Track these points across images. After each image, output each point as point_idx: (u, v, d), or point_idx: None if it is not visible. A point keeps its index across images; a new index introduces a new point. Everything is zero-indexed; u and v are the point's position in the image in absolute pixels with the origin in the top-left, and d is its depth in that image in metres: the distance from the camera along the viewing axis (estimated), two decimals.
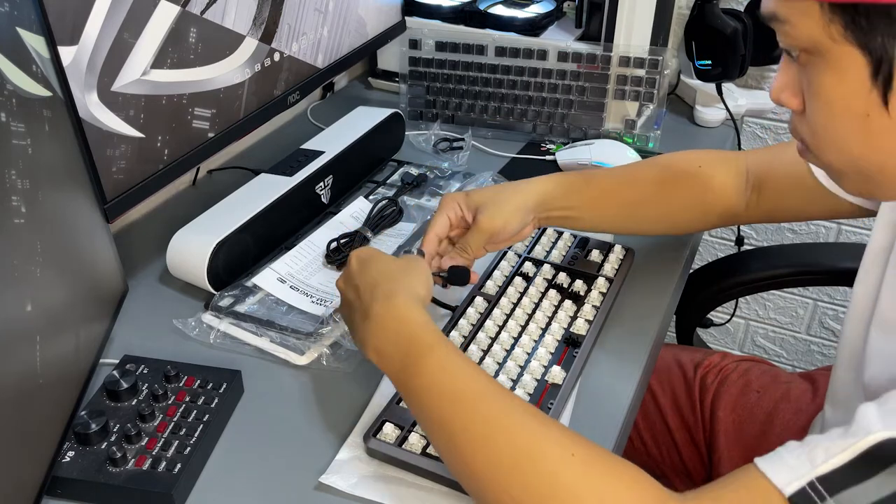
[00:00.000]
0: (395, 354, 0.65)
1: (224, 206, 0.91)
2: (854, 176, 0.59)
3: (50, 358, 0.63)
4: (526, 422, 0.58)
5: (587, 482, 0.53)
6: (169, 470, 0.65)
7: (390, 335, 0.65)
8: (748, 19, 1.15)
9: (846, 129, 0.55)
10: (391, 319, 0.66)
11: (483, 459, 0.56)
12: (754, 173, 0.88)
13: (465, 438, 0.58)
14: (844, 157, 0.57)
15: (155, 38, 0.78)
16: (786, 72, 0.59)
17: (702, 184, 0.88)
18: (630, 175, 0.90)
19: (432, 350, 0.63)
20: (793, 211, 0.89)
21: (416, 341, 0.64)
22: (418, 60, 1.23)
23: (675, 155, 0.93)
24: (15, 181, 0.58)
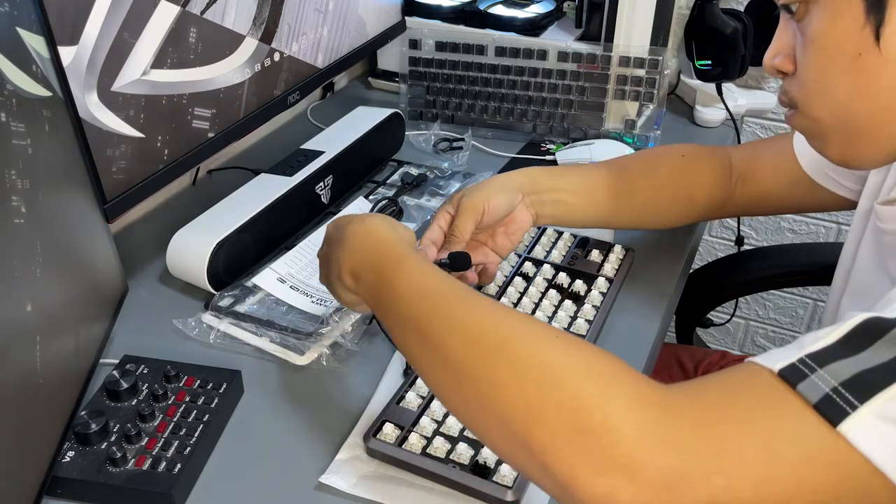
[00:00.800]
0: (369, 270, 0.64)
1: (224, 206, 0.91)
2: (840, 134, 0.61)
3: (50, 358, 0.63)
4: (506, 312, 0.55)
5: (574, 357, 0.50)
6: (169, 470, 0.65)
7: (364, 255, 0.65)
8: (748, 19, 1.15)
9: (838, 73, 0.57)
10: (363, 238, 0.65)
11: (462, 346, 0.53)
12: (740, 164, 0.90)
13: (443, 330, 0.54)
14: (833, 107, 0.59)
15: (155, 38, 0.78)
16: (781, 38, 0.62)
17: (686, 172, 0.89)
18: (616, 164, 0.91)
19: (404, 260, 0.62)
20: (777, 202, 0.91)
21: (388, 254, 0.63)
22: (418, 60, 1.23)
23: (660, 147, 0.94)
24: (15, 181, 0.58)
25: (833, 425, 0.42)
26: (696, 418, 0.45)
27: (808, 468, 0.43)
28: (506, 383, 0.49)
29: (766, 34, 1.18)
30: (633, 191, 0.87)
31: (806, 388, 0.44)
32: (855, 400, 0.42)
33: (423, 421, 0.70)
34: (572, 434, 0.46)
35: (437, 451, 0.67)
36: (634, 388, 0.47)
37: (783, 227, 1.72)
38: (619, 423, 0.45)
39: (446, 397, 0.55)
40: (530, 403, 0.48)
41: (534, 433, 0.47)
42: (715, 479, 0.43)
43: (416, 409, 0.71)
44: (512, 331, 0.53)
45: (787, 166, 0.86)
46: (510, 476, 0.64)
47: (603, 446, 0.45)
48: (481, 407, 0.51)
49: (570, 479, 0.45)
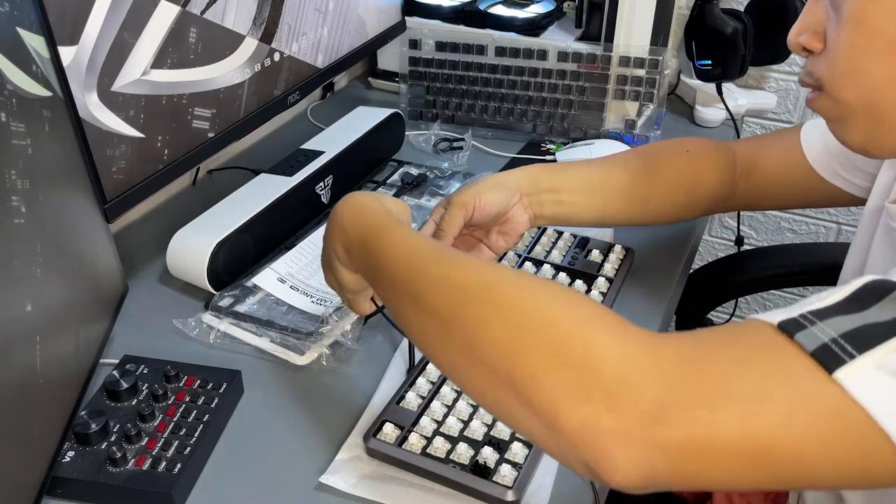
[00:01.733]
0: (358, 242, 0.63)
1: (224, 206, 0.91)
2: (864, 118, 0.59)
3: (50, 358, 0.63)
4: (491, 263, 0.56)
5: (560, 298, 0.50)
6: (169, 470, 0.65)
7: (354, 228, 0.64)
8: (748, 19, 1.15)
9: (873, 54, 0.56)
10: (352, 213, 0.65)
11: (448, 294, 0.52)
12: (744, 159, 0.89)
13: (430, 284, 0.54)
14: (863, 89, 0.58)
15: (155, 38, 0.78)
16: (810, 14, 0.61)
17: (689, 167, 0.88)
18: (618, 159, 0.90)
19: (389, 227, 0.62)
20: (782, 197, 0.90)
21: (374, 224, 0.63)
22: (418, 60, 1.23)
23: (662, 141, 0.93)
24: (15, 181, 0.58)
25: (829, 372, 0.41)
26: (683, 354, 0.44)
27: (798, 411, 0.42)
28: (491, 323, 0.49)
29: (766, 34, 1.19)
30: (634, 187, 0.86)
31: (804, 337, 0.42)
32: (854, 350, 0.41)
33: (423, 421, 0.70)
34: (555, 366, 0.45)
35: (437, 451, 0.67)
36: (621, 326, 0.47)
37: (783, 227, 1.72)
38: (602, 354, 0.44)
39: (433, 348, 0.54)
40: (514, 340, 0.47)
41: (517, 368, 0.46)
42: (698, 412, 0.42)
43: (416, 409, 0.71)
44: (497, 277, 0.52)
45: (794, 160, 0.85)
46: (510, 476, 0.64)
47: (585, 376, 0.44)
48: (467, 350, 0.50)
49: (552, 410, 0.44)
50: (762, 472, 0.42)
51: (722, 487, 0.45)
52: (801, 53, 0.62)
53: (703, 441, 0.42)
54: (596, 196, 0.85)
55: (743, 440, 0.41)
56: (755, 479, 0.43)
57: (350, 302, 0.72)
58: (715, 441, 0.41)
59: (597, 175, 0.86)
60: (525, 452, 0.66)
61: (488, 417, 0.70)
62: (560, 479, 0.67)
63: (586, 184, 0.85)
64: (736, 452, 0.42)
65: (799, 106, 1.59)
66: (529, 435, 0.48)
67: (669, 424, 0.42)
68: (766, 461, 0.42)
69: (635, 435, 0.42)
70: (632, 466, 0.42)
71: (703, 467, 0.42)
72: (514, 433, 0.68)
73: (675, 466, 0.42)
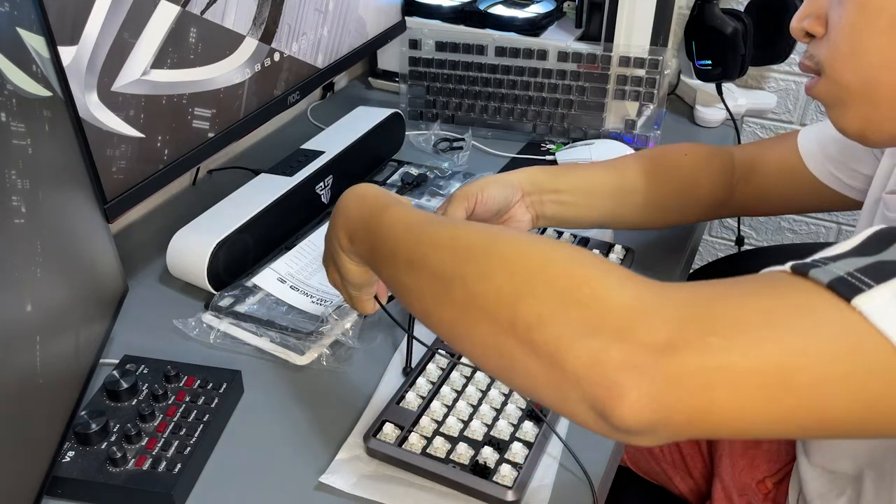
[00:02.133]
0: (361, 227, 0.63)
1: (224, 206, 0.91)
2: (863, 102, 0.59)
3: (50, 358, 0.63)
4: (489, 226, 0.55)
5: (563, 248, 0.49)
6: (169, 470, 0.65)
7: (356, 213, 0.64)
8: (748, 19, 1.15)
9: (874, 33, 0.56)
10: (355, 201, 0.65)
11: (449, 254, 0.51)
12: (743, 163, 0.89)
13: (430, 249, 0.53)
14: (863, 70, 0.58)
15: (155, 38, 0.78)
16: (813, 1, 0.61)
17: (688, 170, 0.88)
18: (618, 163, 0.90)
19: (389, 207, 0.61)
20: (780, 201, 0.90)
21: (375, 206, 0.62)
22: (418, 60, 1.23)
23: (662, 146, 0.93)
24: (15, 181, 0.58)
25: (847, 300, 0.39)
26: (692, 291, 0.43)
27: (815, 338, 0.40)
28: (494, 274, 0.48)
29: (766, 34, 1.19)
30: (634, 190, 0.87)
31: (819, 273, 0.41)
32: (871, 281, 0.39)
33: (423, 421, 0.70)
34: (561, 305, 0.44)
35: (437, 451, 0.67)
36: (625, 272, 0.46)
37: (783, 227, 1.72)
38: (609, 293, 0.43)
39: (432, 310, 0.52)
40: (518, 287, 0.46)
41: (520, 311, 0.45)
42: (709, 339, 0.40)
43: (416, 409, 0.71)
44: (498, 234, 0.52)
45: (791, 164, 0.86)
46: (510, 476, 0.64)
47: (592, 314, 0.42)
48: (468, 305, 0.48)
49: (556, 348, 0.42)
50: (776, 406, 0.40)
51: (733, 428, 0.42)
52: (804, 39, 0.62)
53: (715, 370, 0.40)
54: (596, 199, 0.85)
55: (757, 368, 0.39)
56: (769, 416, 0.41)
57: (353, 300, 0.71)
58: (728, 370, 0.40)
59: (597, 178, 0.86)
60: (525, 452, 0.66)
61: (488, 417, 0.70)
62: (560, 479, 0.67)
63: (587, 186, 0.85)
64: (750, 382, 0.40)
65: (799, 106, 1.58)
66: (532, 385, 0.45)
67: (681, 354, 0.40)
68: (781, 392, 0.40)
69: (646, 366, 0.40)
70: (642, 401, 0.40)
71: (716, 400, 0.40)
72: (515, 433, 0.68)
73: (686, 399, 0.40)
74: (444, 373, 0.74)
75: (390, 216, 0.60)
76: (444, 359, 0.76)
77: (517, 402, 0.71)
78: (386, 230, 0.59)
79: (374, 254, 0.61)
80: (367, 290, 0.70)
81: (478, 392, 0.73)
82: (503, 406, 0.71)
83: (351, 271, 0.67)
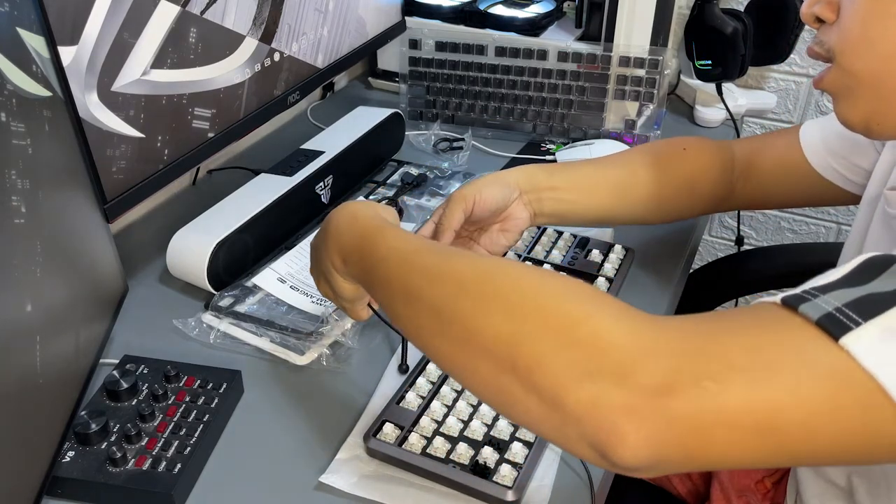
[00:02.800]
0: (354, 248, 0.63)
1: (224, 206, 0.91)
2: (871, 92, 0.59)
3: (50, 358, 0.63)
4: (483, 256, 0.55)
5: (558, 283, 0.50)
6: (169, 470, 0.65)
7: (349, 235, 0.64)
8: (748, 19, 1.15)
9: (887, 20, 0.56)
10: (347, 221, 0.65)
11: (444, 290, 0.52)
12: (743, 158, 0.89)
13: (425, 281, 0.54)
14: (874, 59, 0.57)
15: (155, 38, 0.78)
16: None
17: (688, 165, 0.88)
18: (617, 158, 0.90)
19: (382, 230, 0.61)
20: (781, 195, 0.90)
21: (368, 228, 0.62)
22: (418, 60, 1.23)
23: (661, 140, 0.93)
24: (15, 181, 0.58)
25: (835, 339, 0.40)
26: (687, 330, 0.44)
27: (804, 378, 0.41)
28: (491, 312, 0.48)
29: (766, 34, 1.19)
30: (633, 185, 0.86)
31: (808, 308, 0.42)
32: (859, 317, 0.40)
33: (423, 421, 0.70)
34: (561, 347, 0.45)
35: (437, 451, 0.67)
36: (624, 308, 0.46)
37: (783, 227, 1.72)
38: (606, 333, 0.44)
39: (431, 344, 0.53)
40: (517, 326, 0.47)
41: (521, 354, 0.46)
42: (704, 383, 0.41)
43: (416, 409, 0.71)
44: (492, 268, 0.52)
45: (792, 158, 0.85)
46: (510, 476, 0.64)
47: (590, 355, 0.44)
48: (466, 342, 0.49)
49: (558, 391, 0.44)
50: (769, 443, 0.42)
51: (729, 463, 0.44)
52: (814, 25, 0.61)
53: (710, 413, 0.41)
54: (595, 195, 0.85)
55: (750, 410, 0.41)
56: (762, 452, 0.43)
57: (347, 310, 0.71)
58: (722, 412, 0.41)
59: (595, 174, 0.86)
60: (525, 452, 0.66)
61: (488, 417, 0.70)
62: (560, 479, 0.67)
63: (585, 183, 0.85)
64: (743, 423, 0.41)
65: (799, 106, 1.59)
66: (533, 422, 0.47)
67: (677, 397, 0.41)
68: (773, 431, 0.41)
69: (644, 409, 0.41)
70: (641, 442, 0.42)
71: (711, 440, 0.42)
72: (514, 433, 0.68)
73: (683, 440, 0.42)
74: (443, 373, 0.74)
75: (384, 240, 0.60)
76: None
77: None
78: (381, 255, 0.59)
79: (368, 278, 0.61)
80: (360, 301, 0.70)
81: None
82: None
83: (345, 289, 0.68)
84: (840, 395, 0.41)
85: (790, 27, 1.17)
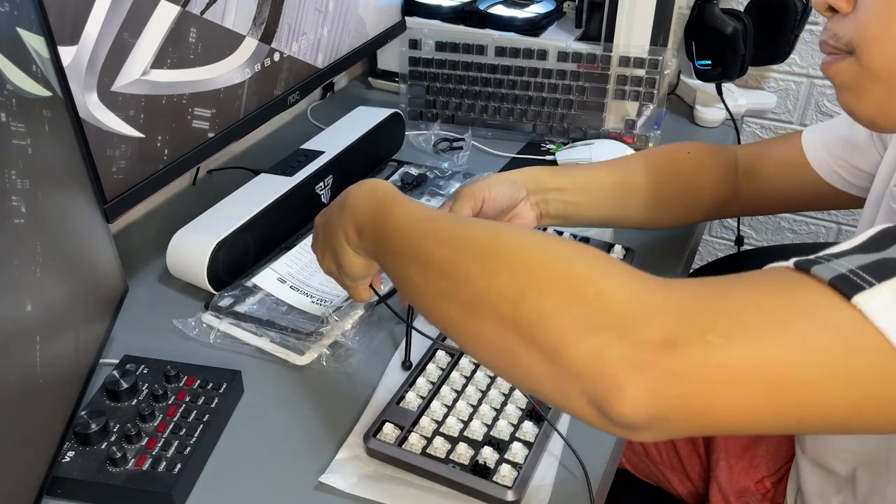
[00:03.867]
0: (370, 220, 0.63)
1: (224, 206, 0.91)
2: (884, 88, 0.58)
3: (50, 358, 0.63)
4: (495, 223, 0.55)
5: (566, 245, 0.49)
6: (169, 470, 0.65)
7: (365, 208, 0.64)
8: (748, 19, 1.15)
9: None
10: (365, 195, 0.64)
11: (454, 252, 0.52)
12: (745, 162, 0.89)
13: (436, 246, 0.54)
14: (892, 56, 0.56)
15: (155, 38, 0.78)
16: None
17: (690, 170, 0.88)
18: (621, 162, 0.90)
19: (397, 202, 0.61)
20: (784, 200, 0.90)
21: (384, 200, 0.62)
22: (418, 60, 1.23)
23: (664, 146, 0.93)
24: (15, 181, 0.58)
25: (848, 298, 0.39)
26: (693, 288, 0.43)
27: (815, 336, 0.40)
28: (497, 271, 0.48)
29: (766, 34, 1.19)
30: (637, 189, 0.87)
31: (821, 270, 0.41)
32: (873, 279, 0.39)
33: (423, 421, 0.70)
34: (564, 302, 0.44)
35: (437, 451, 0.67)
36: (629, 269, 0.46)
37: (783, 227, 1.72)
38: (611, 291, 0.44)
39: (437, 306, 0.53)
40: (522, 283, 0.47)
41: (523, 309, 0.45)
42: (710, 337, 0.40)
43: (416, 409, 0.71)
44: (503, 231, 0.52)
45: (795, 163, 0.85)
46: (510, 476, 0.64)
47: (594, 311, 0.43)
48: (473, 302, 0.49)
49: (558, 345, 0.43)
50: (778, 404, 0.41)
51: (736, 425, 0.42)
52: (825, 13, 0.60)
53: (715, 368, 0.40)
54: (600, 198, 0.86)
55: (757, 367, 0.40)
56: (769, 413, 0.41)
57: (349, 289, 0.71)
58: (728, 368, 0.40)
59: (601, 177, 0.86)
60: (525, 452, 0.66)
61: (488, 417, 0.70)
62: (560, 479, 0.67)
63: (590, 185, 0.85)
64: (750, 380, 0.40)
65: (799, 106, 1.59)
66: (535, 382, 0.46)
67: (681, 351, 0.40)
68: (782, 390, 0.40)
69: (646, 362, 0.40)
70: (641, 396, 0.40)
71: (716, 398, 0.40)
72: (514, 433, 0.68)
73: (686, 397, 0.40)
74: (443, 373, 0.74)
75: (398, 212, 0.60)
76: (445, 358, 0.76)
77: (517, 401, 0.71)
78: (395, 225, 0.59)
79: (381, 248, 0.61)
80: (364, 280, 0.70)
81: (478, 392, 0.73)
82: (503, 406, 0.71)
83: (354, 264, 0.67)
84: (852, 354, 0.39)
85: (790, 27, 1.17)
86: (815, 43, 1.51)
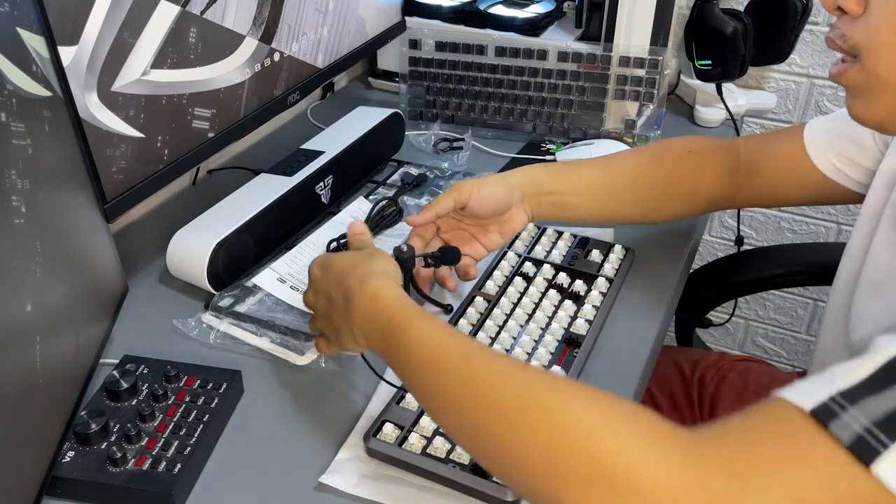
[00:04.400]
0: (378, 336, 0.63)
1: (224, 206, 0.91)
2: (891, 94, 0.57)
3: (50, 358, 0.63)
4: (519, 369, 0.55)
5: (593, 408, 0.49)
6: (169, 470, 0.65)
7: (371, 320, 0.63)
8: (748, 19, 1.15)
9: None
10: (370, 303, 0.63)
11: (478, 408, 0.53)
12: (748, 157, 0.89)
13: (459, 394, 0.54)
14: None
15: (155, 38, 0.78)
16: None
17: (692, 165, 0.88)
18: (620, 158, 0.90)
19: (411, 324, 0.60)
20: (785, 195, 0.90)
21: (395, 319, 0.61)
22: (418, 60, 1.23)
23: (665, 140, 0.93)
24: (15, 181, 0.58)
25: (866, 465, 0.41)
26: (721, 464, 0.44)
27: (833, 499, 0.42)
28: (522, 439, 0.49)
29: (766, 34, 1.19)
30: (637, 185, 0.86)
31: (839, 429, 0.42)
32: (887, 439, 0.41)
33: (423, 421, 0.70)
34: (588, 482, 0.45)
35: (437, 451, 0.67)
36: (655, 435, 0.46)
37: (783, 227, 1.72)
38: (638, 468, 0.44)
39: (466, 446, 0.57)
40: (545, 457, 0.48)
41: (549, 484, 0.47)
42: None
43: (415, 409, 0.71)
44: (527, 389, 0.52)
45: (796, 157, 0.85)
46: None
47: (621, 492, 0.44)
48: (499, 458, 0.51)
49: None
50: None
51: None
52: (834, 12, 0.59)
53: None
54: (598, 196, 0.85)
55: None
56: None
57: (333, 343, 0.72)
58: None
59: (599, 175, 0.86)
60: None
61: None
62: None
63: (588, 185, 0.85)
64: None
65: (799, 106, 1.58)
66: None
67: None
68: None
69: None
70: None
71: None
72: None
73: None
74: None
75: (412, 339, 0.59)
76: None
77: None
78: (412, 355, 0.59)
79: (396, 366, 0.62)
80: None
81: None
82: None
83: (354, 349, 0.69)
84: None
85: (790, 27, 1.16)
86: (815, 43, 1.51)
